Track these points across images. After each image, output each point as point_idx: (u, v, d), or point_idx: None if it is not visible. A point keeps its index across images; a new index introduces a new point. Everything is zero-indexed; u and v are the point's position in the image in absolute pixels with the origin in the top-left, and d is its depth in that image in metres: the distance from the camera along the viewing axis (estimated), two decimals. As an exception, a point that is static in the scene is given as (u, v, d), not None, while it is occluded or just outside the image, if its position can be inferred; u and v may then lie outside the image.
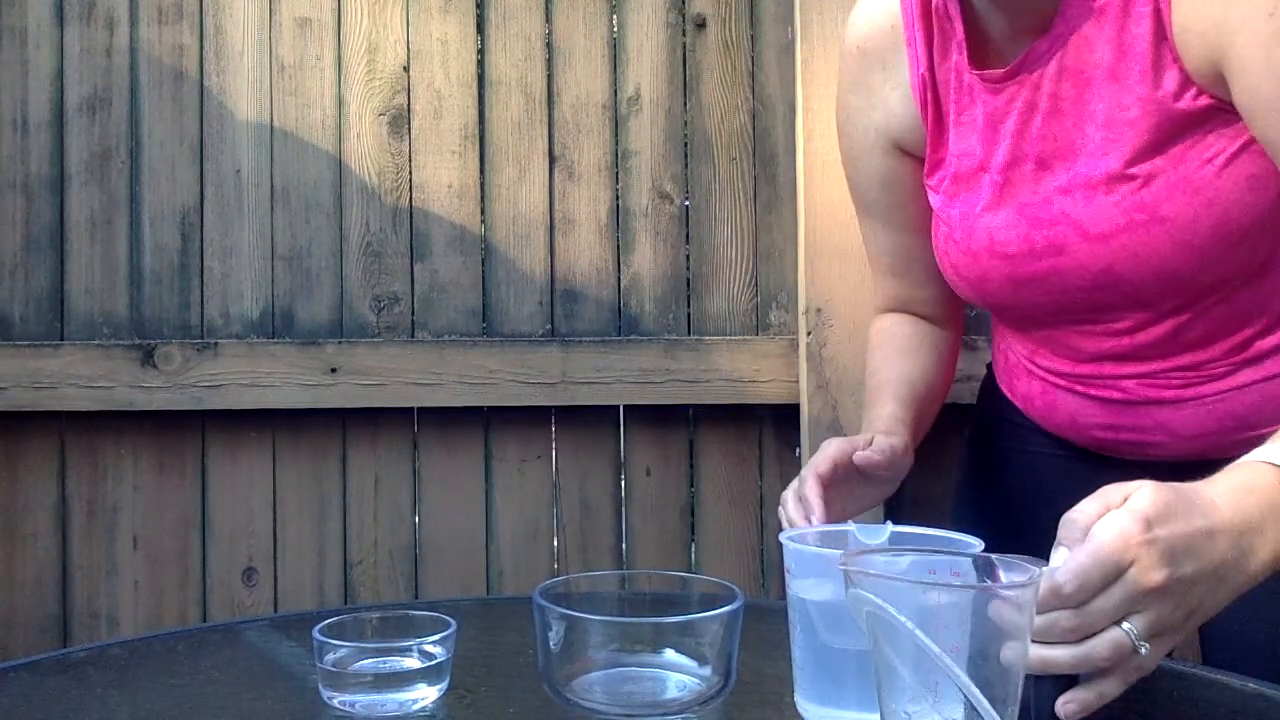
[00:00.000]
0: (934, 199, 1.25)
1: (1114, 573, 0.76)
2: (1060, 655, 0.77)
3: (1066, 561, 0.77)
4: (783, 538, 0.94)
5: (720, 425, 2.21)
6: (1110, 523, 0.78)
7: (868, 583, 0.73)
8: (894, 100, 1.28)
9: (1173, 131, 1.06)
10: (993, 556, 0.77)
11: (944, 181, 1.23)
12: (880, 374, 1.36)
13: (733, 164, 2.22)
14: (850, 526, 0.97)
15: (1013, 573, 0.74)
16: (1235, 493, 0.83)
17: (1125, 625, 0.77)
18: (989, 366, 1.49)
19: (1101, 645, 0.77)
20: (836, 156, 2.12)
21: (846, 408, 2.09)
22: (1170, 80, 1.04)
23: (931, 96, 1.22)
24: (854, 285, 2.10)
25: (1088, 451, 1.30)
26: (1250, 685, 0.98)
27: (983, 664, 0.71)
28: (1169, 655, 1.03)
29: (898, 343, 1.39)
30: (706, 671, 0.90)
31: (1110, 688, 0.78)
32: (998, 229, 1.17)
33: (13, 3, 2.13)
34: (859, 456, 1.16)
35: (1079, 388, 1.25)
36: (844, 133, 1.37)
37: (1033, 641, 0.75)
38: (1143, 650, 0.77)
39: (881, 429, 1.24)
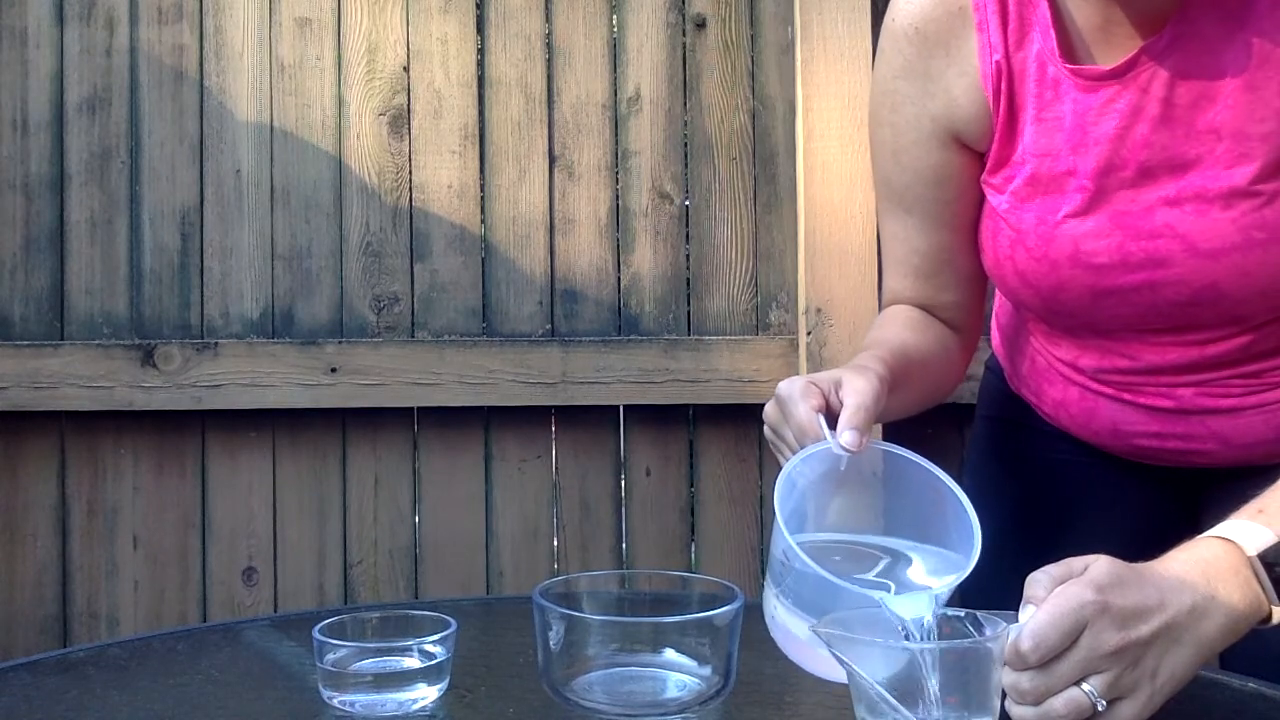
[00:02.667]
0: (996, 199, 1.16)
1: (1071, 635, 0.81)
2: (1025, 714, 0.82)
3: (1027, 624, 0.82)
4: (779, 517, 0.91)
5: (720, 425, 2.21)
6: (1067, 590, 0.83)
7: (838, 643, 0.79)
8: (958, 89, 1.16)
9: None
10: (978, 614, 0.83)
11: (1013, 181, 1.14)
12: (868, 340, 1.24)
13: (733, 164, 2.22)
14: (887, 595, 0.90)
15: (993, 628, 0.82)
16: (1183, 565, 0.88)
17: (1085, 686, 0.81)
18: (987, 367, 1.44)
19: (1059, 703, 0.81)
20: (837, 156, 2.15)
21: (846, 408, 2.09)
22: None
23: (1006, 87, 1.13)
24: (854, 285, 2.10)
25: (1119, 459, 1.26)
26: (1250, 685, 0.98)
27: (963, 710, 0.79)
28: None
29: (900, 319, 1.26)
30: (706, 671, 0.90)
31: None
32: (1084, 237, 1.10)
33: (13, 3, 2.13)
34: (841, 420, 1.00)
35: (1126, 395, 1.19)
36: (886, 122, 1.22)
37: (1004, 697, 0.83)
38: (1100, 706, 0.81)
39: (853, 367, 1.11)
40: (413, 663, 0.95)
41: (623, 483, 2.21)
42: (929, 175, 1.21)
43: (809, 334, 2.09)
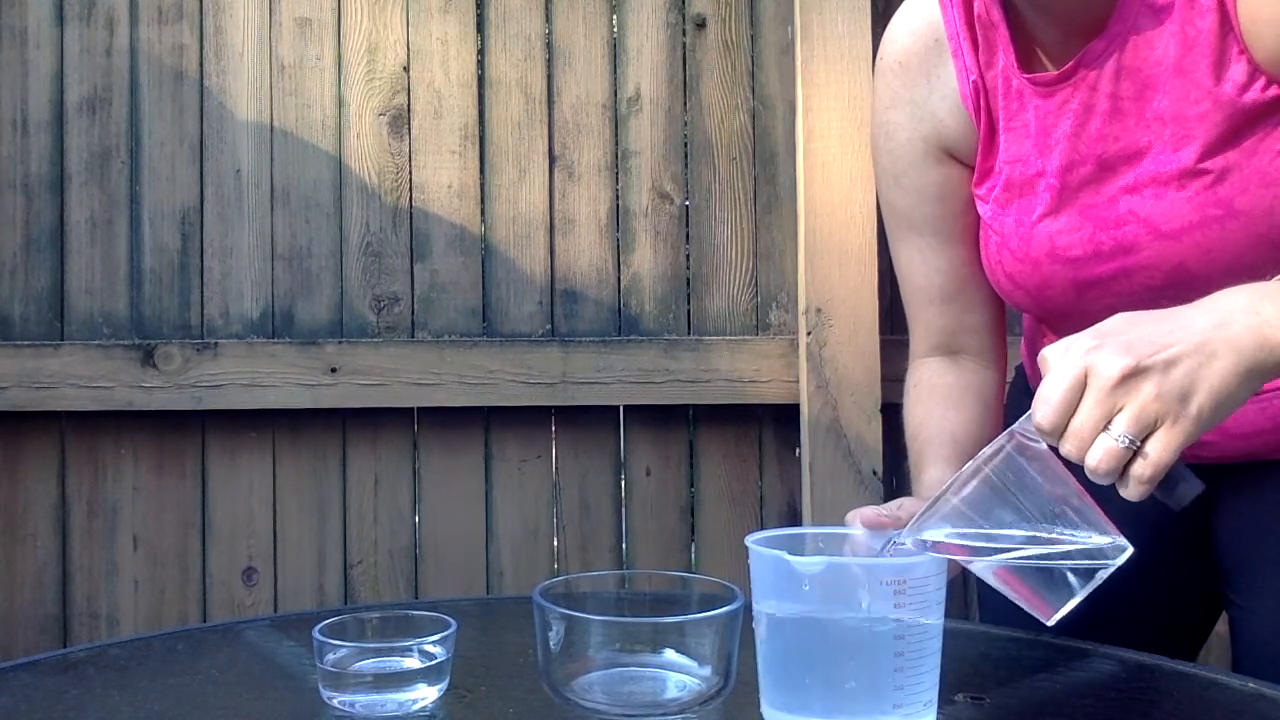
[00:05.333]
0: (983, 209, 1.24)
1: (1074, 387, 0.81)
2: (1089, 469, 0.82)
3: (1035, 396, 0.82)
4: (749, 541, 0.92)
5: (720, 425, 2.21)
6: (1060, 345, 0.83)
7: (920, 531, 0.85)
8: (943, 110, 1.25)
9: (1244, 124, 1.06)
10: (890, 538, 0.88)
11: (994, 190, 1.21)
12: (922, 433, 1.28)
13: (733, 164, 2.22)
14: (856, 530, 0.95)
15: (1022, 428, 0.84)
16: (1211, 297, 0.89)
17: (1113, 430, 0.81)
18: (1018, 370, 1.46)
19: (1092, 458, 0.81)
20: (837, 156, 2.15)
21: (846, 408, 2.09)
22: (1237, 73, 1.05)
23: (984, 103, 1.21)
24: (854, 285, 2.10)
25: None
26: (1250, 685, 0.98)
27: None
28: (1183, 656, 1.03)
29: (938, 395, 1.30)
30: (706, 671, 0.90)
31: (1130, 490, 0.82)
32: (1058, 234, 1.16)
33: (13, 3, 2.13)
34: (866, 516, 1.04)
35: None
36: (885, 150, 1.31)
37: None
38: (1123, 444, 0.80)
39: (924, 496, 1.17)
40: (413, 663, 0.95)
41: (623, 483, 2.21)
42: (931, 191, 1.28)
43: (809, 334, 2.09)
